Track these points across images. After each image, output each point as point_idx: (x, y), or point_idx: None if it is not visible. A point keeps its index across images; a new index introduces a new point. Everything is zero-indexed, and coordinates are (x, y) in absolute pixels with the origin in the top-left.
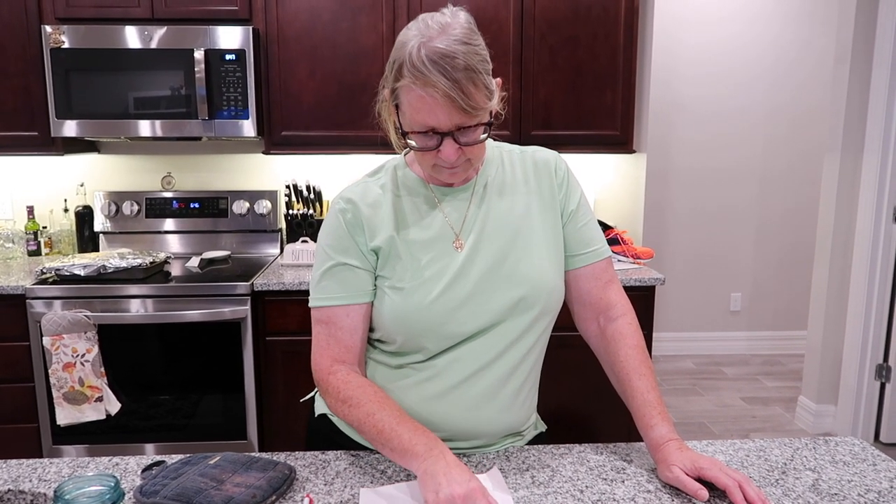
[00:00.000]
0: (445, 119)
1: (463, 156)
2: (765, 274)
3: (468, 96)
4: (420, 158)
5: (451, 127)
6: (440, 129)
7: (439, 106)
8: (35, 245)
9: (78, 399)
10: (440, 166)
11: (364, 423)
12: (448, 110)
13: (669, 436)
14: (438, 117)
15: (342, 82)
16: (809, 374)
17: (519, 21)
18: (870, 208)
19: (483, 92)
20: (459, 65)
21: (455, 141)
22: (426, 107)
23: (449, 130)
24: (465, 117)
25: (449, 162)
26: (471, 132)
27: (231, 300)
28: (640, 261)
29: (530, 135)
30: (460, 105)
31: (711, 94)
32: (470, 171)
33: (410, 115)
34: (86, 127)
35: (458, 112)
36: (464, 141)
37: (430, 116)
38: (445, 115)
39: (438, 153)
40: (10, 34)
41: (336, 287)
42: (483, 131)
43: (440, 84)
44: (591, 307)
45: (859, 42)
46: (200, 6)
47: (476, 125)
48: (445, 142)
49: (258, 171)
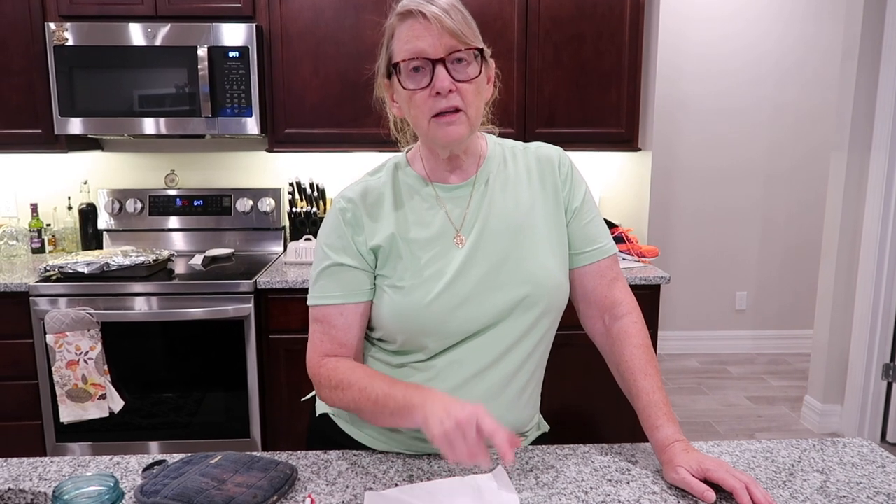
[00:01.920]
0: (435, 41)
1: (458, 94)
2: (770, 273)
3: (456, 21)
4: (416, 110)
5: (442, 51)
6: (431, 54)
7: (429, 29)
8: (39, 242)
9: (81, 397)
10: (439, 122)
11: (359, 401)
12: (438, 33)
13: (675, 437)
14: (428, 40)
15: (345, 80)
16: (815, 374)
17: (524, 18)
18: (877, 206)
19: (472, 28)
20: (447, 2)
21: (448, 72)
22: (415, 33)
23: (440, 57)
24: (454, 40)
25: (444, 90)
26: (463, 66)
27: (234, 298)
28: (645, 259)
29: (535, 132)
30: (449, 26)
31: (717, 92)
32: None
33: (401, 49)
34: (89, 124)
35: (447, 34)
36: (457, 76)
37: (420, 40)
38: (435, 37)
39: (433, 89)
40: (14, 31)
41: (332, 286)
42: (476, 68)
43: (427, 8)
44: (597, 305)
45: (867, 38)
46: (204, 3)
47: (468, 59)
48: (438, 70)
49: (262, 169)
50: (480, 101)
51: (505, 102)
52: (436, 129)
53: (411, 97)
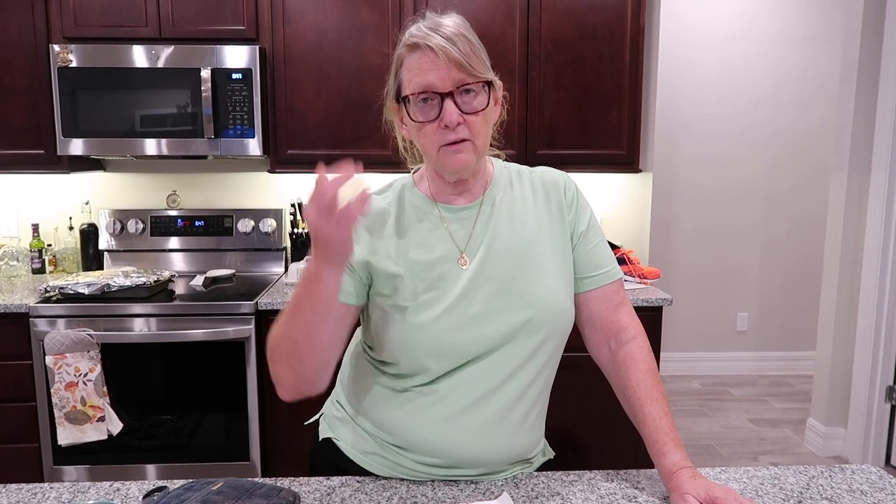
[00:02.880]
0: (444, 75)
1: (466, 126)
2: (771, 293)
3: (464, 52)
4: (426, 140)
5: (450, 85)
6: (439, 88)
7: (437, 62)
8: (39, 263)
9: (80, 419)
10: (447, 150)
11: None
12: (446, 66)
13: (682, 463)
14: (437, 74)
15: (348, 101)
16: (818, 396)
17: (525, 40)
18: (878, 227)
19: (479, 56)
20: (454, 31)
21: (456, 105)
22: (424, 65)
23: (448, 90)
24: (462, 73)
25: (452, 123)
26: (471, 97)
27: (235, 319)
28: (646, 281)
29: (536, 154)
30: (457, 58)
31: (717, 114)
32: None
33: (410, 81)
34: (92, 145)
35: (455, 67)
36: (465, 107)
37: (429, 74)
38: (443, 71)
39: (441, 122)
40: (18, 53)
41: None
42: (484, 100)
43: (436, 41)
44: (603, 330)
45: (865, 60)
46: (208, 26)
47: (476, 90)
48: (446, 103)
49: (263, 190)
50: (488, 128)
51: (506, 124)
52: (444, 157)
53: (420, 128)
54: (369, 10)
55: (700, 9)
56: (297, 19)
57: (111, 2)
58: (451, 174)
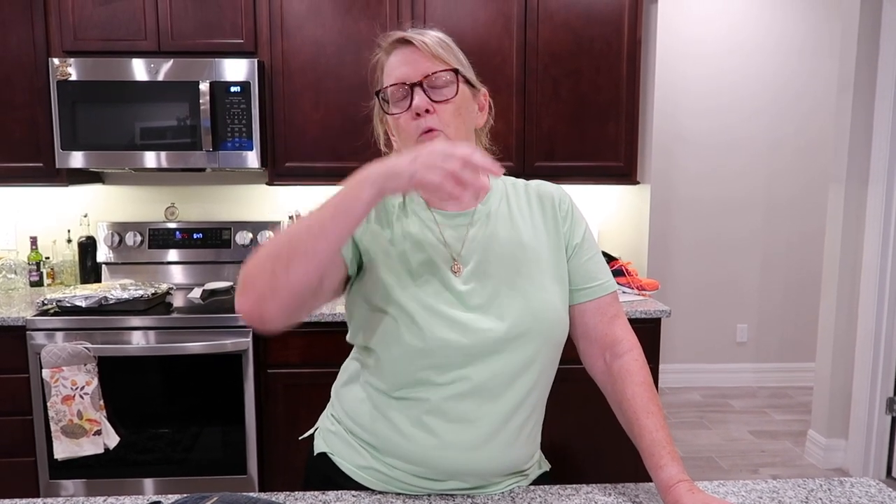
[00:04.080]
0: (413, 68)
1: (436, 116)
2: (771, 305)
3: (434, 49)
4: (404, 133)
5: (419, 75)
6: (409, 79)
7: (408, 57)
8: (37, 276)
9: (76, 432)
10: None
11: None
12: (416, 59)
13: (680, 476)
14: (407, 68)
15: (346, 114)
16: (819, 408)
17: (522, 53)
18: (876, 238)
19: (454, 54)
20: (432, 34)
21: (425, 93)
22: (397, 62)
23: (418, 80)
24: (431, 63)
25: (420, 108)
26: (440, 88)
27: (233, 332)
28: (645, 292)
29: (534, 166)
30: (428, 49)
31: (715, 126)
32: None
33: (386, 80)
34: (91, 158)
35: (424, 59)
36: (434, 96)
37: (400, 68)
38: (413, 64)
39: (413, 112)
40: (18, 66)
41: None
42: (454, 89)
43: (411, 36)
44: (598, 342)
45: (862, 71)
46: (207, 39)
47: (446, 79)
48: (415, 92)
49: (261, 202)
50: (461, 121)
51: (504, 136)
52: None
53: (397, 122)
54: (367, 23)
55: (697, 21)
56: (296, 33)
57: (111, 16)
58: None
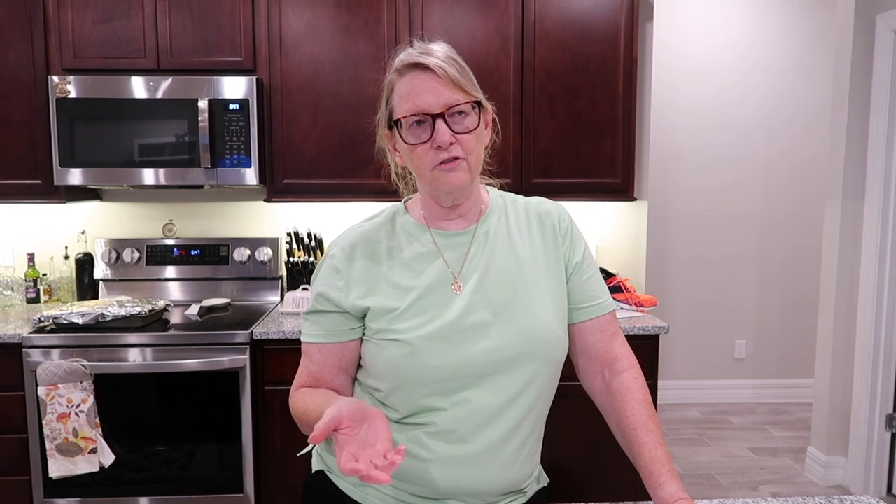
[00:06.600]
0: (434, 98)
1: (458, 145)
2: (769, 321)
3: (454, 77)
4: (419, 161)
5: (441, 106)
6: (431, 110)
7: (427, 85)
8: (34, 292)
9: (71, 451)
10: (441, 169)
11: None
12: (436, 88)
13: (679, 494)
14: (427, 97)
15: (344, 132)
16: (818, 425)
17: (519, 71)
18: (873, 254)
19: (468, 78)
20: (443, 54)
21: (447, 126)
22: (415, 90)
23: (440, 112)
24: (452, 93)
25: (445, 143)
26: (462, 118)
27: (230, 349)
28: (643, 309)
29: (532, 182)
30: (448, 78)
31: (711, 143)
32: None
33: (401, 105)
34: (89, 175)
35: (445, 88)
36: (456, 127)
37: (420, 98)
38: (433, 93)
39: (434, 143)
40: (17, 84)
41: (314, 327)
42: (475, 119)
43: (427, 62)
44: (597, 361)
45: (856, 88)
46: (206, 57)
47: (466, 111)
48: (438, 125)
49: (259, 219)
50: (480, 147)
51: (502, 153)
52: (438, 176)
53: (413, 150)
54: (364, 42)
55: (692, 39)
56: (294, 52)
57: (111, 35)
58: (446, 195)
